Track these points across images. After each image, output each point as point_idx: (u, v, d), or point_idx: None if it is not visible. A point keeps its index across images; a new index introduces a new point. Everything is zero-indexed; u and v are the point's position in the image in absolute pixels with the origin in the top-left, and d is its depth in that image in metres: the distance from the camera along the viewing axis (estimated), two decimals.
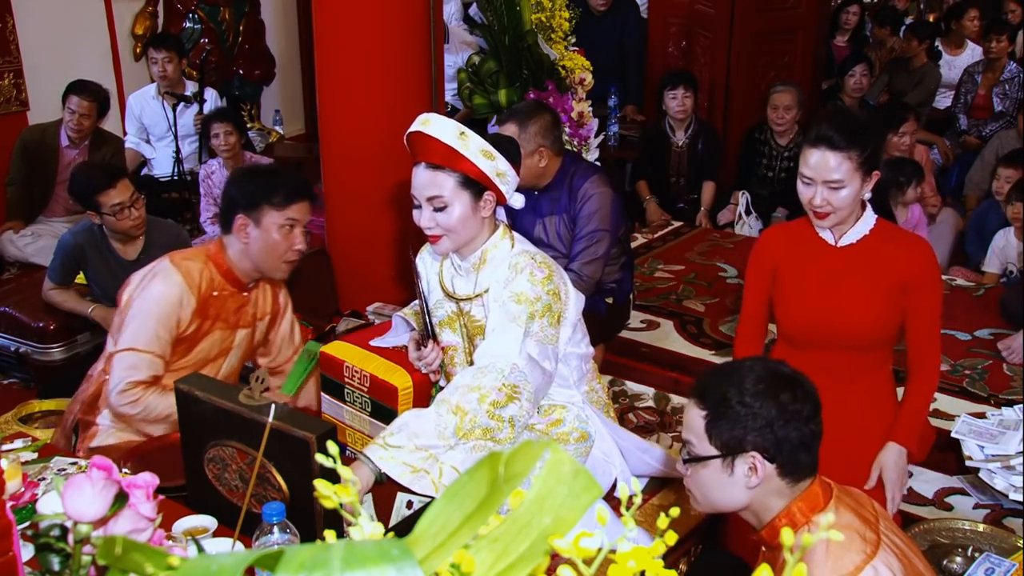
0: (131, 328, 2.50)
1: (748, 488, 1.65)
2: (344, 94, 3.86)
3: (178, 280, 2.52)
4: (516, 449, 0.69)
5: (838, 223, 2.41)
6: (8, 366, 3.94)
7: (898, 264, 2.38)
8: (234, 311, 2.66)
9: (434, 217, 2.27)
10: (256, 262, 2.58)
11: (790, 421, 1.61)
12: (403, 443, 2.08)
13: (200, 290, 2.55)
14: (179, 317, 2.52)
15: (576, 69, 4.47)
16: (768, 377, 1.65)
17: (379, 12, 3.75)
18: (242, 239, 2.54)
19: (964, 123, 6.20)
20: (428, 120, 2.27)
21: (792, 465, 1.64)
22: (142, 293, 2.52)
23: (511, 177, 2.30)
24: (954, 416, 3.21)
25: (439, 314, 2.48)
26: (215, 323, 2.61)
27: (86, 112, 4.57)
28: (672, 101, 5.15)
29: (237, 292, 2.65)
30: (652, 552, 0.72)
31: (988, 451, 2.97)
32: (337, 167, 4.03)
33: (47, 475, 2.04)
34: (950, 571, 2.46)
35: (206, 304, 2.57)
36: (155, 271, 2.56)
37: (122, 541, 0.79)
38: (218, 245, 2.62)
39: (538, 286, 2.25)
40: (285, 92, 6.90)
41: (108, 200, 3.42)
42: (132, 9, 5.84)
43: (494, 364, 2.16)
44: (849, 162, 2.28)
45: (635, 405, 3.57)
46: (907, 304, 2.40)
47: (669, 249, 4.89)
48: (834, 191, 2.31)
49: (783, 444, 1.62)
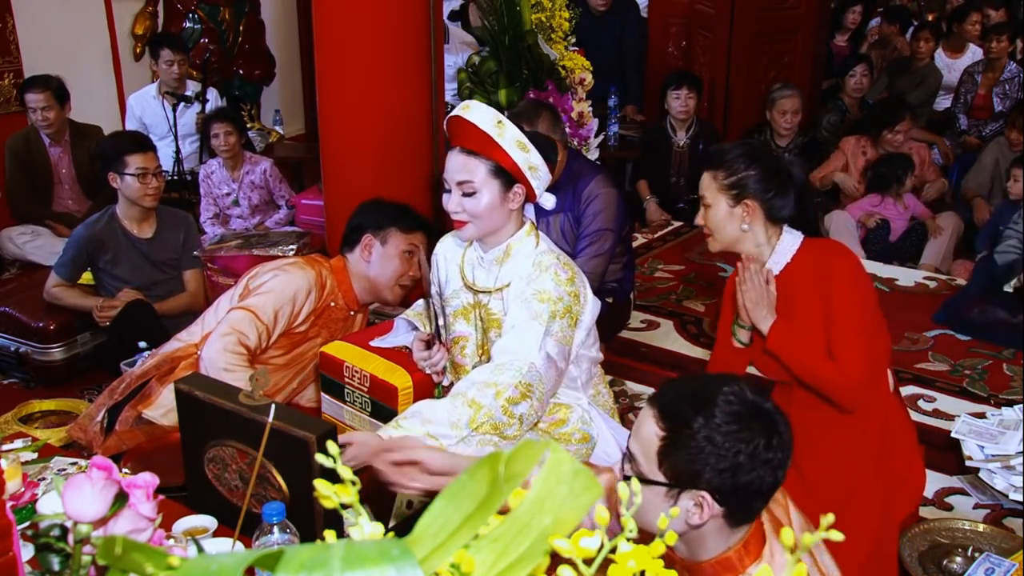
0: (258, 297, 2.67)
1: (687, 523, 1.44)
2: (344, 94, 3.86)
3: (311, 275, 2.72)
4: (516, 449, 0.69)
5: (728, 249, 2.38)
6: (8, 366, 3.94)
7: (820, 277, 2.28)
8: (340, 326, 2.82)
9: (462, 202, 2.27)
10: (374, 281, 2.78)
11: (756, 469, 1.40)
12: (415, 427, 2.08)
13: (323, 293, 2.74)
14: (300, 308, 2.70)
15: (576, 69, 4.47)
16: (745, 415, 1.41)
17: (379, 12, 3.75)
18: (365, 257, 2.76)
19: (964, 123, 6.20)
20: (468, 106, 2.27)
21: (743, 513, 1.45)
22: (276, 274, 2.70)
23: (543, 173, 2.29)
24: (954, 416, 3.21)
25: (454, 303, 2.46)
26: (321, 331, 2.78)
27: (45, 104, 4.58)
28: (675, 101, 5.16)
29: (347, 309, 2.83)
30: (652, 552, 0.72)
31: (988, 451, 2.97)
32: (337, 167, 4.03)
33: (47, 475, 2.04)
34: (950, 571, 2.46)
35: (323, 310, 2.75)
36: (287, 263, 2.77)
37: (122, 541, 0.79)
38: (340, 261, 2.82)
39: (562, 286, 2.25)
40: (285, 92, 6.90)
41: (134, 162, 3.51)
42: (132, 9, 5.84)
43: (512, 362, 2.16)
44: (714, 181, 2.32)
45: (635, 405, 3.57)
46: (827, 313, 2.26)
47: (669, 249, 4.89)
48: (706, 210, 2.34)
49: (741, 491, 1.41)
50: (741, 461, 1.39)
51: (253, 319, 2.64)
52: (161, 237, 3.71)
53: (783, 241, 2.34)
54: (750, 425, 1.41)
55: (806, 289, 2.29)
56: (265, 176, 4.85)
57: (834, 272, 2.26)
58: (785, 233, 2.35)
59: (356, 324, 2.90)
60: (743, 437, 1.40)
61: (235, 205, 4.80)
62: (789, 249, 2.33)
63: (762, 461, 1.40)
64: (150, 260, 3.68)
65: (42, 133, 4.67)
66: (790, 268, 2.33)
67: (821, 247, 2.36)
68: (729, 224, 2.32)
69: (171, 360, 2.75)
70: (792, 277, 2.31)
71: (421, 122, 3.90)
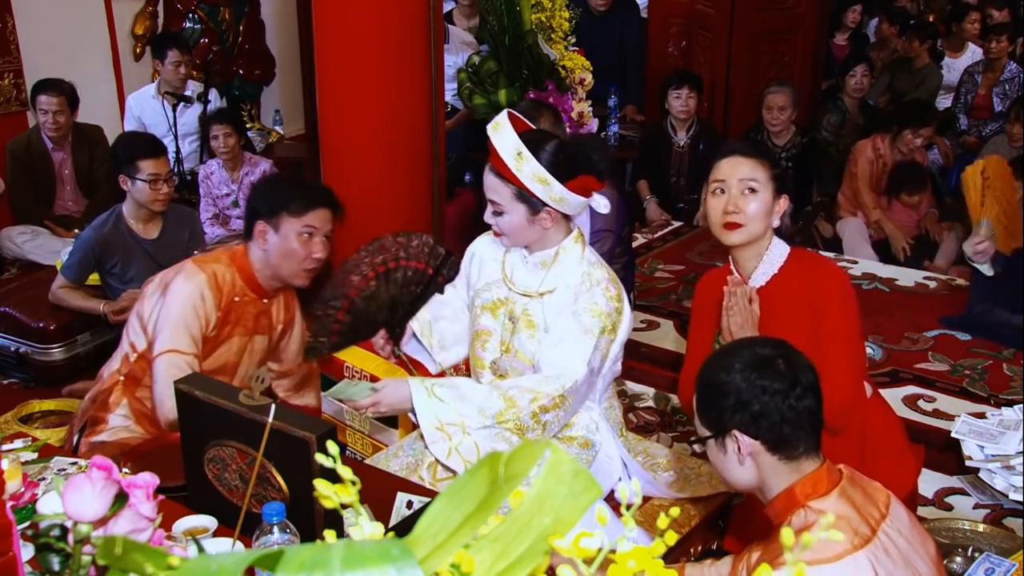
0: (167, 330, 2.50)
1: (741, 465, 1.68)
2: (344, 94, 3.86)
3: (202, 279, 2.54)
4: (516, 449, 0.69)
5: (744, 246, 2.29)
6: (8, 366, 3.94)
7: (808, 291, 2.25)
8: (253, 317, 2.67)
9: (495, 218, 2.29)
10: (276, 268, 2.59)
11: (760, 397, 1.63)
12: (447, 398, 2.17)
13: (223, 293, 2.57)
14: (204, 316, 2.54)
15: (576, 69, 4.48)
16: (749, 359, 1.67)
17: (379, 12, 3.75)
18: (261, 245, 2.57)
19: (964, 123, 6.20)
20: (499, 125, 2.22)
21: (777, 440, 1.65)
22: (168, 292, 2.54)
23: (571, 200, 2.23)
24: (954, 416, 3.21)
25: (485, 296, 2.45)
26: (235, 328, 2.63)
27: (58, 108, 4.57)
28: (676, 101, 5.15)
29: (257, 299, 2.67)
30: (652, 552, 0.72)
31: (988, 451, 2.97)
32: (337, 167, 4.03)
33: (47, 475, 2.04)
34: (950, 571, 2.46)
35: (228, 309, 2.59)
36: (178, 269, 2.58)
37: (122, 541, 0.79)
38: (242, 250, 2.64)
39: (611, 302, 2.26)
40: (285, 92, 6.90)
41: (147, 167, 3.48)
42: (132, 9, 5.84)
43: (559, 376, 2.20)
44: (763, 169, 2.25)
45: (635, 405, 3.57)
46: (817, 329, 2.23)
47: (669, 249, 4.89)
48: (747, 197, 2.23)
49: (760, 420, 1.64)
50: (743, 392, 1.64)
51: (178, 357, 2.48)
52: (166, 237, 3.70)
53: (772, 250, 2.31)
54: (752, 364, 1.66)
55: (791, 303, 2.25)
56: (265, 176, 4.85)
57: (823, 289, 2.24)
58: (775, 241, 2.33)
59: (278, 311, 2.75)
60: (739, 373, 1.65)
61: (235, 206, 4.80)
62: (778, 259, 2.31)
63: (760, 388, 1.63)
64: (156, 261, 3.67)
65: (45, 136, 4.66)
66: (776, 279, 2.30)
67: (807, 259, 2.35)
68: (767, 216, 2.28)
69: (103, 395, 2.66)
70: (777, 289, 2.28)
71: (421, 122, 3.90)
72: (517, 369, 2.35)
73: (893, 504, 1.67)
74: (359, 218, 4.07)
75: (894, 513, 1.65)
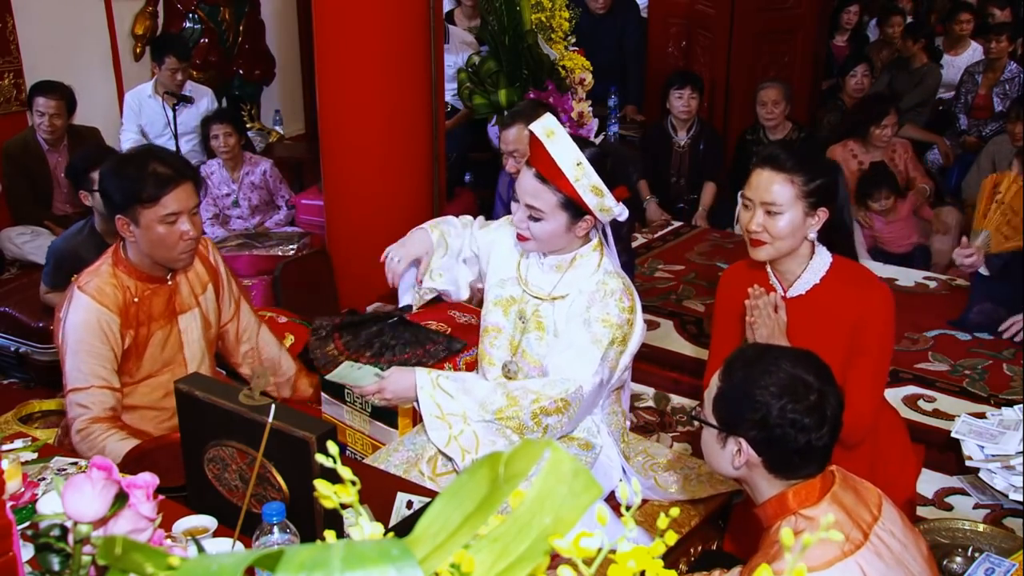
0: (67, 370, 2.39)
1: (734, 466, 1.70)
2: (344, 94, 3.86)
3: (87, 303, 2.38)
4: (516, 449, 0.69)
5: (779, 258, 2.24)
6: (8, 366, 3.94)
7: (852, 306, 2.20)
8: (165, 303, 2.52)
9: (528, 223, 2.26)
10: (152, 257, 2.44)
11: (785, 427, 1.61)
12: (451, 390, 2.20)
13: (118, 303, 2.42)
14: (108, 338, 2.39)
15: (576, 69, 4.47)
16: (787, 381, 1.63)
17: (379, 12, 3.75)
18: (130, 239, 2.42)
19: (964, 123, 6.20)
20: (553, 133, 2.19)
21: (782, 466, 1.65)
22: (64, 329, 2.40)
23: (616, 210, 2.24)
24: (954, 416, 3.21)
25: (497, 292, 2.45)
26: (150, 325, 2.49)
27: (55, 111, 4.57)
28: (677, 101, 5.15)
29: (159, 286, 2.51)
30: (652, 552, 0.72)
31: (988, 451, 2.97)
32: (337, 167, 4.03)
33: (47, 475, 2.04)
34: (950, 571, 2.46)
35: (129, 313, 2.44)
36: (67, 301, 2.43)
37: (122, 541, 0.78)
38: (116, 249, 2.49)
39: (624, 313, 2.26)
40: (285, 92, 6.90)
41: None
42: (132, 9, 5.84)
43: (563, 381, 2.21)
44: (791, 186, 2.15)
45: (635, 405, 3.56)
46: (851, 343, 2.19)
47: (669, 249, 4.89)
48: (772, 216, 2.17)
49: (775, 445, 1.63)
50: (773, 417, 1.61)
51: (80, 395, 2.37)
52: None
53: (816, 259, 2.25)
54: (786, 390, 1.62)
55: (831, 315, 2.20)
56: (265, 177, 4.85)
57: (870, 308, 2.20)
58: (819, 250, 2.26)
59: (194, 279, 2.59)
60: (774, 394, 1.62)
61: (235, 206, 4.80)
62: (821, 268, 2.25)
63: (790, 421, 1.60)
64: None
65: (40, 138, 4.66)
66: (817, 289, 2.25)
67: (851, 271, 2.29)
68: (798, 232, 2.19)
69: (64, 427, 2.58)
70: (817, 299, 2.23)
71: (421, 122, 3.90)
72: (525, 371, 2.36)
73: (885, 505, 1.67)
74: (359, 218, 4.08)
75: (886, 514, 1.65)
